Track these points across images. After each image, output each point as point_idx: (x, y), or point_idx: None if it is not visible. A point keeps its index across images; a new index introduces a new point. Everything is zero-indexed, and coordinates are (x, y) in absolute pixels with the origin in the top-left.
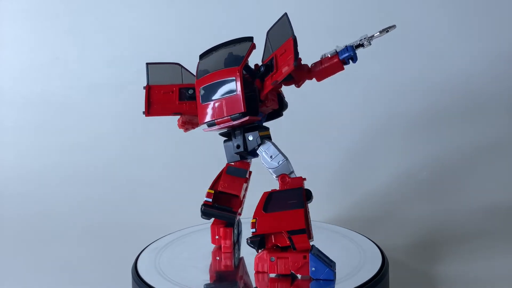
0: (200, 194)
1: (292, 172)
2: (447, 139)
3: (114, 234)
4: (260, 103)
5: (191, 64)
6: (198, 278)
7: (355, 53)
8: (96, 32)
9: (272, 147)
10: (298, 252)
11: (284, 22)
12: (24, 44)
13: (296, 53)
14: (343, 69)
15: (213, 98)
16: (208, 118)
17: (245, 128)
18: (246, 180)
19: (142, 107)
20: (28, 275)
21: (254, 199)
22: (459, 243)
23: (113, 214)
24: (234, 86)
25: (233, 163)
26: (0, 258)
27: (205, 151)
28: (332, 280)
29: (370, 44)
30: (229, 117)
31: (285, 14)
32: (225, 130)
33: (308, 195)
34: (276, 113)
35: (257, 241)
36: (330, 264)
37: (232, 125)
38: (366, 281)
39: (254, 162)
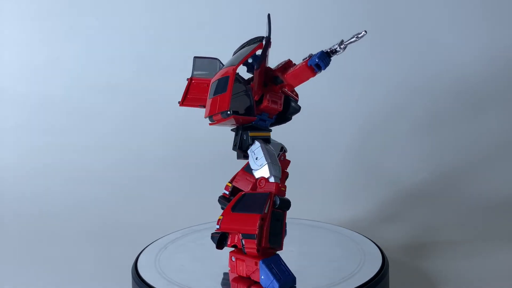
0: (201, 195)
1: (272, 176)
2: (447, 140)
3: (114, 234)
4: (259, 104)
5: (190, 64)
6: (198, 278)
7: (324, 59)
8: (96, 32)
9: (260, 149)
10: (252, 257)
11: (267, 23)
12: (24, 44)
13: (262, 56)
14: (313, 75)
15: (215, 94)
16: (208, 113)
17: (243, 127)
18: None
19: (142, 107)
20: (28, 275)
21: None
22: (459, 243)
23: (113, 214)
24: (227, 84)
25: None
26: (0, 258)
27: (205, 152)
28: None
29: (344, 50)
30: (219, 113)
31: (268, 15)
32: (235, 126)
33: (282, 204)
34: (284, 116)
35: (216, 238)
36: (280, 277)
37: (234, 122)
38: (366, 281)
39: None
